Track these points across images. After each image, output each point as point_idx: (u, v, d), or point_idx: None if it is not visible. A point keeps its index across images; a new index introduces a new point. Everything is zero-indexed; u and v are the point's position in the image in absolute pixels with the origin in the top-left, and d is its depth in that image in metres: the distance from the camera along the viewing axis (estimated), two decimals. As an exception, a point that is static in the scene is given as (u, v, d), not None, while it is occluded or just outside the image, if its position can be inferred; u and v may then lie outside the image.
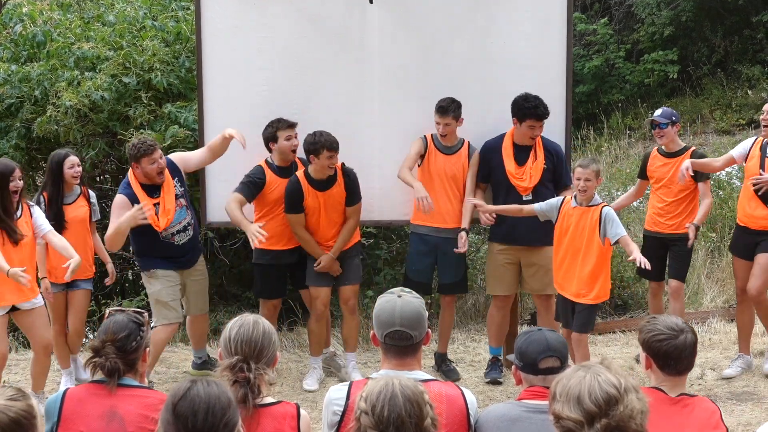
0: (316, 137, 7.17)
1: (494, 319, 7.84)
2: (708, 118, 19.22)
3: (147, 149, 7.09)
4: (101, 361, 3.78)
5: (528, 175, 7.42)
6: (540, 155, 7.44)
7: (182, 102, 9.19)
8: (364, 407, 3.01)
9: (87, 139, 9.21)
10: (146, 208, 7.03)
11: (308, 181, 7.34)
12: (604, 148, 15.67)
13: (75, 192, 7.46)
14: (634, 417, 2.80)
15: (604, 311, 9.71)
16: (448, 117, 7.40)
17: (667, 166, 7.78)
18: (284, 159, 7.46)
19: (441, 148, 7.58)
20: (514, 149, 7.46)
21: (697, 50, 21.08)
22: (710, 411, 3.82)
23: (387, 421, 2.96)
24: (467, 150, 7.61)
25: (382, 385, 3.04)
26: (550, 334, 3.76)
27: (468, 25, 7.73)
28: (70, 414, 3.75)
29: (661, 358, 3.78)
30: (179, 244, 7.34)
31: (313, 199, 7.35)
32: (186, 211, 7.38)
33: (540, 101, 7.30)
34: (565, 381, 2.92)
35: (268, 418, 3.58)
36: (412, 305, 3.72)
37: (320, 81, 7.74)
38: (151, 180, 7.17)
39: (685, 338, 3.76)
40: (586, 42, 21.59)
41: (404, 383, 3.05)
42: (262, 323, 3.68)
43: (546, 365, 3.65)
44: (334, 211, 7.46)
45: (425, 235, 7.68)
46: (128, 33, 9.77)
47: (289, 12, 7.67)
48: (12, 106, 9.42)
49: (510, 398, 6.58)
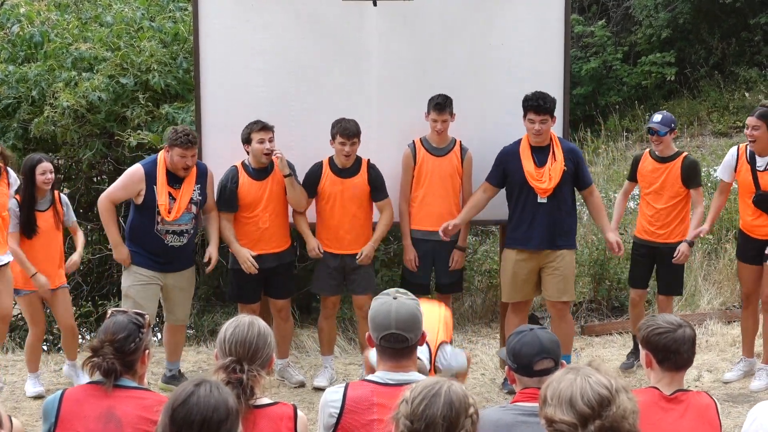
0: (336, 123, 7.23)
1: (512, 323, 7.42)
2: (705, 120, 19.23)
3: (185, 142, 7.03)
4: (99, 361, 3.78)
5: (548, 176, 7.23)
6: (559, 156, 7.27)
7: (180, 103, 9.18)
8: (407, 396, 3.00)
9: (84, 139, 9.19)
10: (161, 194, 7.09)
11: (331, 167, 7.36)
12: (602, 150, 15.65)
13: (47, 198, 7.33)
14: (627, 417, 2.80)
15: (601, 313, 9.73)
16: (446, 113, 7.36)
17: (658, 171, 7.69)
18: (259, 161, 7.35)
19: (432, 150, 7.51)
20: (532, 151, 7.29)
21: (694, 52, 21.11)
22: (705, 405, 3.85)
23: (420, 416, 2.93)
24: (459, 150, 7.55)
25: (432, 382, 3.02)
26: (542, 333, 3.72)
27: (466, 27, 7.73)
28: (68, 415, 3.74)
29: (661, 351, 3.81)
30: (168, 245, 7.24)
31: (331, 185, 7.35)
32: (191, 219, 7.31)
33: (542, 95, 7.16)
34: (556, 384, 2.90)
35: (264, 419, 3.58)
36: (407, 307, 3.71)
37: (318, 82, 7.73)
38: (174, 170, 7.15)
39: (684, 332, 3.80)
40: (584, 44, 21.61)
41: (454, 389, 3.00)
42: (258, 325, 3.68)
43: (541, 367, 3.62)
44: (352, 202, 7.42)
45: (423, 239, 7.59)
46: (126, 34, 9.75)
47: (287, 13, 7.67)
48: (9, 107, 9.40)
49: (507, 400, 6.59)
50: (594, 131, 17.61)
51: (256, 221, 7.41)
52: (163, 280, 7.35)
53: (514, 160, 7.31)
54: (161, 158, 7.20)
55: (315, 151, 7.46)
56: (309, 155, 7.42)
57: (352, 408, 3.63)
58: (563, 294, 7.40)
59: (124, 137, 8.82)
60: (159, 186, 7.13)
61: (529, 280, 7.46)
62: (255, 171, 7.37)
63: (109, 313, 4.01)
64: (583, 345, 8.93)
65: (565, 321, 7.50)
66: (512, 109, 7.37)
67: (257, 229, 7.41)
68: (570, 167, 7.30)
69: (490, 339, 9.10)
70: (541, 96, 7.16)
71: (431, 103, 7.39)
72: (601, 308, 9.78)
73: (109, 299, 9.14)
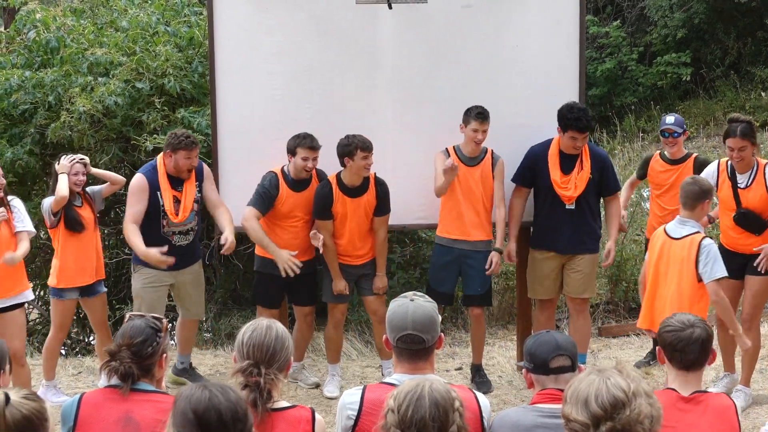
0: (349, 139, 7.11)
1: (538, 321, 7.69)
2: (721, 120, 19.12)
3: (188, 144, 7.12)
4: (116, 365, 3.79)
5: (573, 184, 7.25)
6: (586, 165, 7.28)
7: (195, 107, 9.21)
8: (391, 405, 3.03)
9: (100, 144, 9.24)
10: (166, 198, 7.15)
11: (339, 187, 7.27)
12: (618, 151, 15.62)
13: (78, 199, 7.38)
14: (641, 421, 2.80)
15: (618, 314, 9.71)
16: (487, 123, 7.28)
17: (669, 173, 7.67)
18: (298, 174, 7.34)
19: (465, 160, 7.40)
20: (560, 157, 7.31)
21: (710, 52, 21.02)
22: (724, 407, 3.85)
23: (410, 422, 2.97)
24: (491, 159, 7.46)
25: (412, 386, 3.05)
26: (559, 335, 3.76)
27: (479, 28, 7.70)
28: (87, 418, 3.76)
29: (668, 349, 3.91)
30: (176, 245, 7.29)
31: (341, 205, 7.26)
32: (194, 217, 7.37)
33: (584, 113, 7.16)
34: (577, 383, 2.94)
35: (282, 423, 3.59)
36: (424, 309, 3.72)
37: (332, 84, 7.72)
38: (178, 173, 7.20)
39: (691, 332, 3.86)
40: (599, 45, 21.55)
41: (435, 387, 3.05)
42: (276, 328, 3.69)
43: (557, 364, 3.64)
44: (363, 220, 7.38)
45: (449, 246, 7.51)
46: (141, 38, 9.80)
47: (302, 16, 7.66)
48: (26, 112, 9.46)
49: (524, 402, 6.58)
50: (610, 132, 17.57)
51: (292, 231, 7.40)
52: (172, 279, 7.41)
53: (543, 164, 7.34)
54: (160, 163, 7.26)
55: (328, 152, 7.44)
56: (322, 157, 7.39)
57: (370, 410, 3.63)
58: (585, 291, 7.50)
59: (140, 142, 8.86)
60: (163, 191, 7.19)
61: (553, 278, 7.53)
62: (294, 181, 7.34)
63: (126, 317, 4.03)
64: (601, 346, 8.91)
65: (583, 317, 7.58)
66: (526, 110, 7.37)
67: (290, 236, 7.39)
68: (596, 176, 7.32)
69: (506, 341, 9.09)
70: (582, 114, 7.16)
71: (471, 113, 7.28)
72: (618, 309, 9.76)
73: (126, 303, 9.18)
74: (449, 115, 7.48)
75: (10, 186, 9.41)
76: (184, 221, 7.27)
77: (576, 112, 7.14)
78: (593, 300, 9.65)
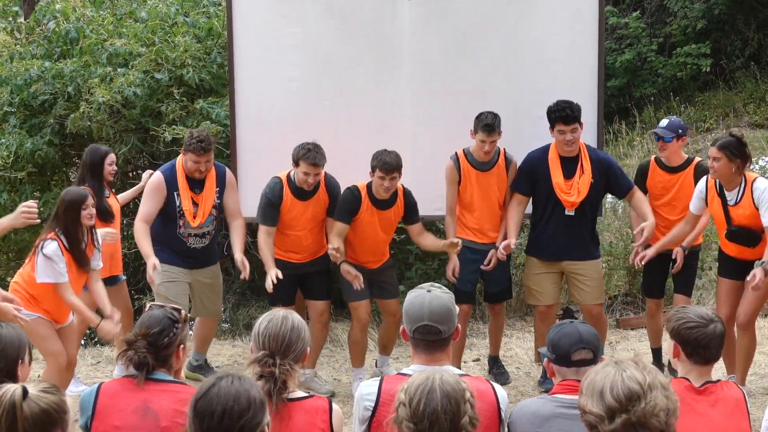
0: (376, 154, 6.92)
1: (539, 331, 7.55)
2: (741, 111, 19.07)
3: (198, 149, 7.01)
4: (131, 354, 3.82)
5: (576, 189, 7.11)
6: (587, 168, 7.12)
7: (214, 98, 9.23)
8: (402, 398, 3.03)
9: (119, 135, 9.27)
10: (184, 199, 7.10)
11: (369, 197, 7.09)
12: (636, 143, 15.56)
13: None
14: (657, 414, 2.79)
15: (636, 306, 9.67)
16: (495, 134, 7.11)
17: (670, 183, 7.28)
18: (301, 185, 7.12)
19: (476, 165, 7.29)
20: (561, 161, 7.15)
21: (730, 43, 20.90)
22: (734, 397, 3.85)
23: (422, 415, 2.97)
24: (504, 161, 7.35)
25: (423, 379, 3.05)
26: (582, 326, 3.76)
27: (499, 19, 7.69)
28: (105, 408, 3.78)
29: (690, 345, 3.82)
30: (191, 247, 7.30)
31: (369, 215, 7.12)
32: (212, 221, 7.35)
33: (568, 104, 6.98)
34: (593, 375, 2.93)
35: (300, 412, 3.60)
36: (441, 300, 3.73)
37: (351, 75, 7.73)
38: (189, 174, 7.17)
39: (714, 327, 3.81)
40: (618, 36, 21.46)
41: (445, 378, 3.05)
42: (292, 318, 3.70)
43: (579, 357, 3.66)
44: (386, 231, 7.29)
45: (471, 248, 7.38)
46: (160, 29, 9.82)
47: (320, 7, 7.67)
48: (45, 103, 9.50)
49: (543, 393, 6.57)
50: (629, 123, 17.52)
51: (295, 238, 7.29)
52: (189, 278, 7.39)
53: (543, 169, 7.19)
54: (180, 163, 7.22)
55: (347, 144, 7.42)
56: (340, 149, 7.37)
57: (388, 401, 3.62)
58: (597, 298, 7.38)
59: (159, 132, 8.89)
60: (181, 192, 7.16)
61: (551, 284, 7.40)
62: (298, 189, 7.15)
63: (147, 307, 4.05)
64: (619, 338, 8.89)
65: (600, 322, 7.32)
66: (545, 102, 7.31)
67: (298, 244, 7.31)
68: (597, 178, 7.15)
69: (524, 332, 9.09)
70: (566, 105, 6.98)
71: (479, 123, 7.12)
72: (636, 301, 9.72)
73: (145, 293, 9.21)
74: (468, 106, 7.42)
75: (30, 176, 9.50)
76: (201, 225, 7.26)
77: (559, 104, 6.99)
78: (611, 292, 9.63)
